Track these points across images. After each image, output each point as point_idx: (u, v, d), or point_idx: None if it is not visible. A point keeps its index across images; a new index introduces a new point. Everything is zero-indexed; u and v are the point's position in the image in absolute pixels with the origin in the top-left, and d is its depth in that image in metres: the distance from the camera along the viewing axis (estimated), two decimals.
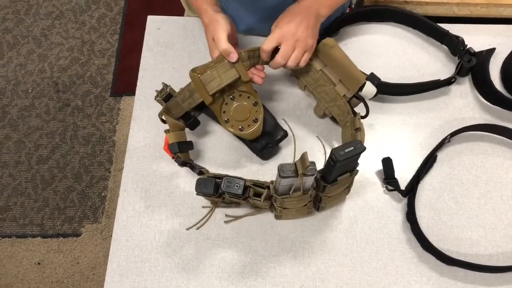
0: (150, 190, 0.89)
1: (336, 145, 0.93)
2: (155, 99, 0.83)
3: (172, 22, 1.10)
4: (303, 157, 0.69)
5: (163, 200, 0.88)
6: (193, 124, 0.89)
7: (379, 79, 0.89)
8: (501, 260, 0.83)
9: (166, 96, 0.83)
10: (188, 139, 0.87)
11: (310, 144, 0.93)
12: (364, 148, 0.71)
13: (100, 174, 1.80)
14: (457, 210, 0.87)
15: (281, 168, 0.70)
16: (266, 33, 1.04)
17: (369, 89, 0.86)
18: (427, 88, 0.98)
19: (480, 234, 0.85)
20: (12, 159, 1.83)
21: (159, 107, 0.86)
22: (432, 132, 0.95)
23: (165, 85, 0.84)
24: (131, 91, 0.99)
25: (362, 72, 0.86)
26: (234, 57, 0.80)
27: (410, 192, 0.87)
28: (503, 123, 0.95)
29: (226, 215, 0.85)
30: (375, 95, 0.87)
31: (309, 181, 0.73)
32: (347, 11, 1.14)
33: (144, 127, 0.94)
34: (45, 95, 1.99)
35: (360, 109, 0.88)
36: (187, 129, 0.88)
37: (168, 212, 0.86)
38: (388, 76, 0.99)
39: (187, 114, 0.87)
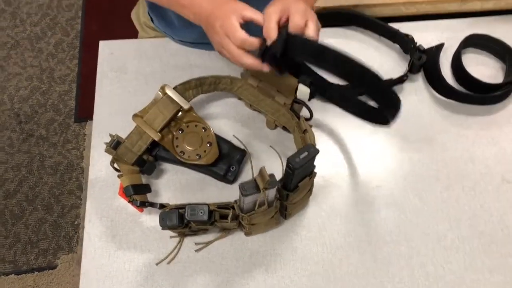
0: (116, 219, 0.88)
1: (291, 152, 0.93)
2: (104, 150, 0.84)
3: (125, 46, 1.09)
4: (262, 171, 0.69)
5: (130, 227, 0.87)
6: (149, 168, 0.88)
7: (310, 78, 0.90)
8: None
9: (114, 144, 0.83)
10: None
11: (267, 156, 0.94)
12: (318, 151, 0.72)
13: (71, 202, 1.77)
14: (422, 206, 0.89)
15: (242, 187, 0.70)
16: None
17: (303, 90, 0.88)
18: None
19: (446, 227, 0.87)
20: None
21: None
22: (389, 132, 0.96)
23: (112, 135, 0.84)
24: None
25: (293, 76, 0.89)
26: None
27: None
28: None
29: (195, 243, 0.85)
30: (313, 95, 0.89)
31: (272, 193, 0.74)
32: None
33: (104, 155, 0.92)
34: (7, 128, 1.95)
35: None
36: (143, 176, 0.89)
37: (136, 239, 0.85)
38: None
39: (140, 159, 0.87)
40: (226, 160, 0.90)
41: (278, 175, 0.74)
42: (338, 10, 1.08)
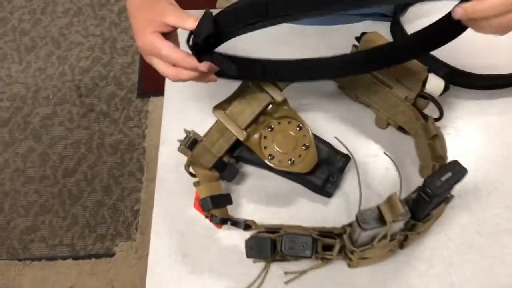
0: (187, 233, 0.72)
1: (409, 161, 0.73)
2: (178, 149, 0.68)
3: None
4: (392, 200, 0.51)
5: (205, 245, 0.71)
6: (230, 173, 0.71)
7: (448, 67, 0.71)
8: None
9: (190, 142, 0.68)
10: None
11: (375, 164, 0.75)
12: (466, 171, 0.54)
13: (132, 185, 1.66)
14: None
15: (361, 218, 0.52)
16: None
17: (434, 83, 0.68)
18: None
19: None
20: (37, 174, 1.71)
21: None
22: None
23: (188, 132, 0.68)
24: (159, 91, 0.84)
25: (422, 63, 0.69)
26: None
27: None
28: None
29: (285, 272, 0.67)
30: (446, 88, 0.68)
31: (398, 226, 0.55)
32: None
33: (175, 152, 0.76)
34: (67, 101, 1.85)
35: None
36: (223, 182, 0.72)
37: (211, 260, 0.69)
38: (474, 64, 0.77)
39: (220, 162, 0.70)
40: (325, 167, 0.71)
41: (391, 190, 0.55)
42: None
